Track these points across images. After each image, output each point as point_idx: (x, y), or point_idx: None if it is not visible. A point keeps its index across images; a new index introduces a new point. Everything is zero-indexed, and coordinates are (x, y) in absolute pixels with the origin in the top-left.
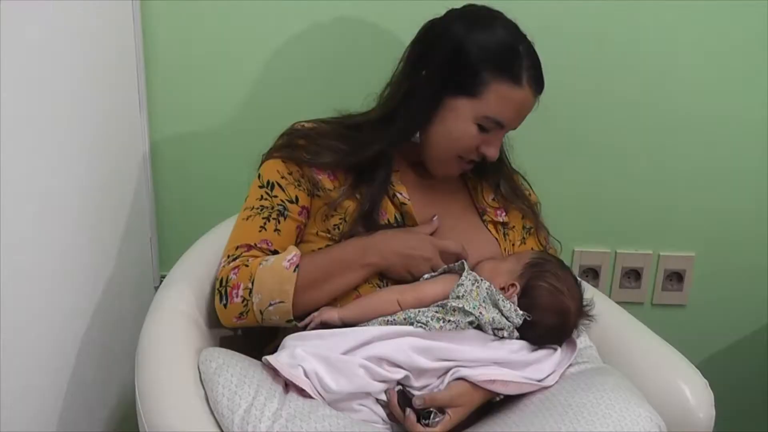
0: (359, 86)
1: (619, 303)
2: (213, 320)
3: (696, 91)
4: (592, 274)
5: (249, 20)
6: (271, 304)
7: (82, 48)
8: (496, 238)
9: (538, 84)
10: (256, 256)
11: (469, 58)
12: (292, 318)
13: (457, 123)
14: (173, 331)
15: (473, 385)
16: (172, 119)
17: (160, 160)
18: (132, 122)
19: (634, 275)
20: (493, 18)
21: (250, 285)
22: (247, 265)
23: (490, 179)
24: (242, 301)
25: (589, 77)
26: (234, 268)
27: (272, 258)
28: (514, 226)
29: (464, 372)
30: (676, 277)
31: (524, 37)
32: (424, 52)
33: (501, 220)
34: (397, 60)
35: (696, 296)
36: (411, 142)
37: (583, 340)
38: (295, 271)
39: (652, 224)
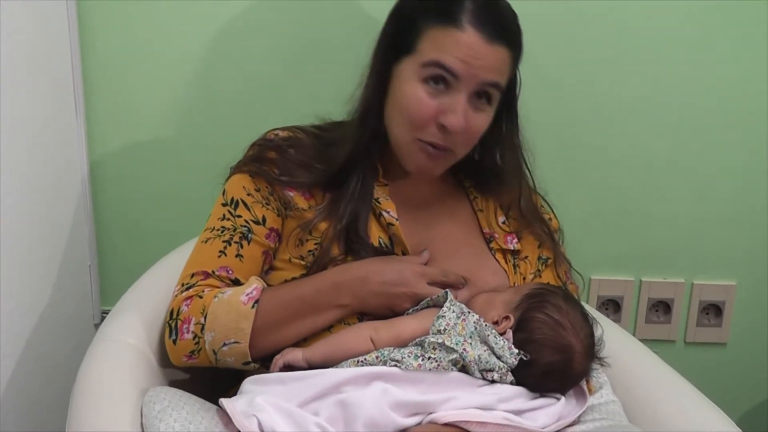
0: (342, 85)
1: (645, 341)
2: (167, 357)
3: (731, 92)
4: (613, 306)
5: (206, 10)
6: (225, 344)
7: (8, 45)
8: (505, 270)
9: (488, 27)
10: (214, 286)
11: (406, 13)
12: (249, 360)
13: (402, 87)
14: (118, 366)
15: (443, 426)
16: (114, 126)
17: (100, 173)
18: (67, 130)
19: (663, 308)
20: None
21: (202, 320)
22: (200, 297)
23: (500, 197)
24: (193, 338)
25: (605, 70)
26: (187, 298)
27: (230, 290)
28: (527, 257)
29: (432, 415)
30: (713, 311)
31: None
32: (379, 37)
33: (511, 248)
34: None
35: (738, 333)
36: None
37: (604, 394)
38: (253, 306)
39: (684, 247)
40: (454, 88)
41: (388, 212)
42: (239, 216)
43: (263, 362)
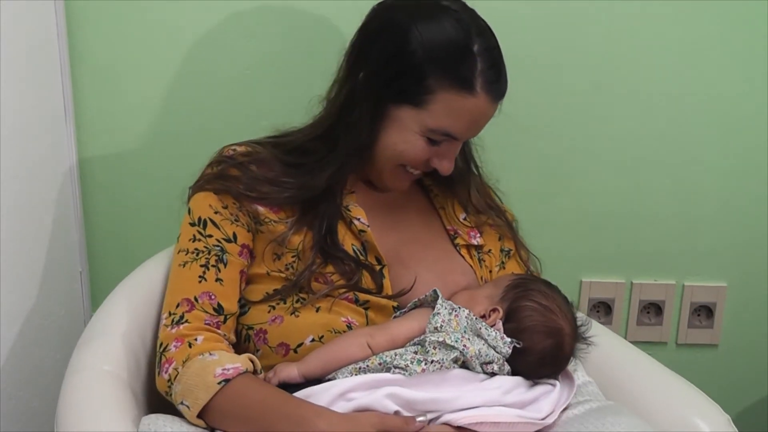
0: (320, 89)
1: (636, 343)
2: (149, 383)
3: (721, 92)
4: (605, 309)
5: (196, 13)
6: (182, 403)
7: None
8: (471, 265)
9: (495, 90)
10: (201, 324)
11: (412, 60)
12: (205, 428)
13: (401, 135)
14: (100, 396)
15: (457, 429)
16: (104, 132)
17: (90, 178)
18: (57, 135)
19: (654, 310)
20: (441, 8)
21: (180, 368)
22: (191, 345)
23: (458, 193)
24: (167, 380)
25: (594, 72)
26: (177, 338)
27: (217, 354)
28: (490, 250)
29: (446, 417)
30: (705, 312)
31: (482, 31)
32: (364, 48)
33: (476, 243)
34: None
35: (729, 334)
36: (363, 158)
37: (580, 376)
38: (220, 383)
39: (674, 249)
40: (452, 141)
41: (359, 219)
42: (210, 236)
43: None
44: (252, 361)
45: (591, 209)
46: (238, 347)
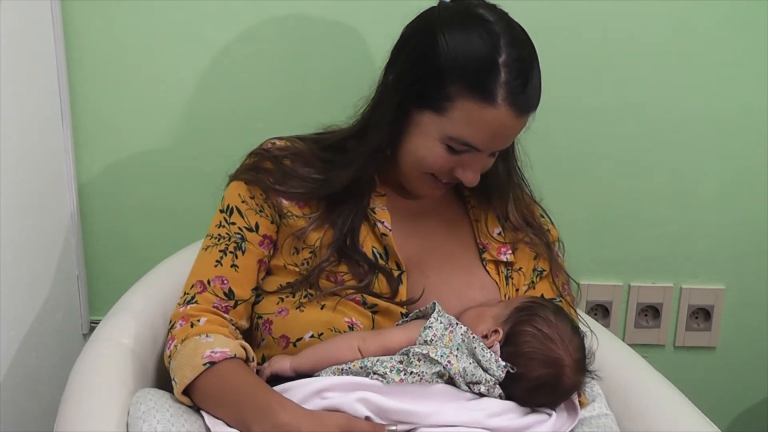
0: (333, 92)
1: (634, 346)
2: (160, 359)
3: (721, 93)
4: (602, 311)
5: (195, 16)
6: (173, 379)
7: None
8: (496, 282)
9: (520, 102)
10: (209, 306)
11: (435, 65)
12: (191, 406)
13: (422, 141)
14: (110, 367)
15: None
16: (102, 136)
17: (87, 181)
18: (53, 137)
19: (652, 313)
20: (474, 17)
21: (178, 346)
22: (192, 326)
23: (496, 207)
24: (168, 356)
25: (594, 77)
26: (183, 317)
27: (213, 337)
28: (521, 268)
29: (421, 431)
30: (702, 315)
31: (514, 41)
32: (398, 49)
33: (504, 259)
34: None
35: (727, 337)
36: (393, 161)
37: (596, 407)
38: (205, 365)
39: (672, 251)
40: (475, 152)
41: (382, 222)
42: (233, 223)
43: None
44: (244, 349)
45: (588, 212)
46: (249, 335)
